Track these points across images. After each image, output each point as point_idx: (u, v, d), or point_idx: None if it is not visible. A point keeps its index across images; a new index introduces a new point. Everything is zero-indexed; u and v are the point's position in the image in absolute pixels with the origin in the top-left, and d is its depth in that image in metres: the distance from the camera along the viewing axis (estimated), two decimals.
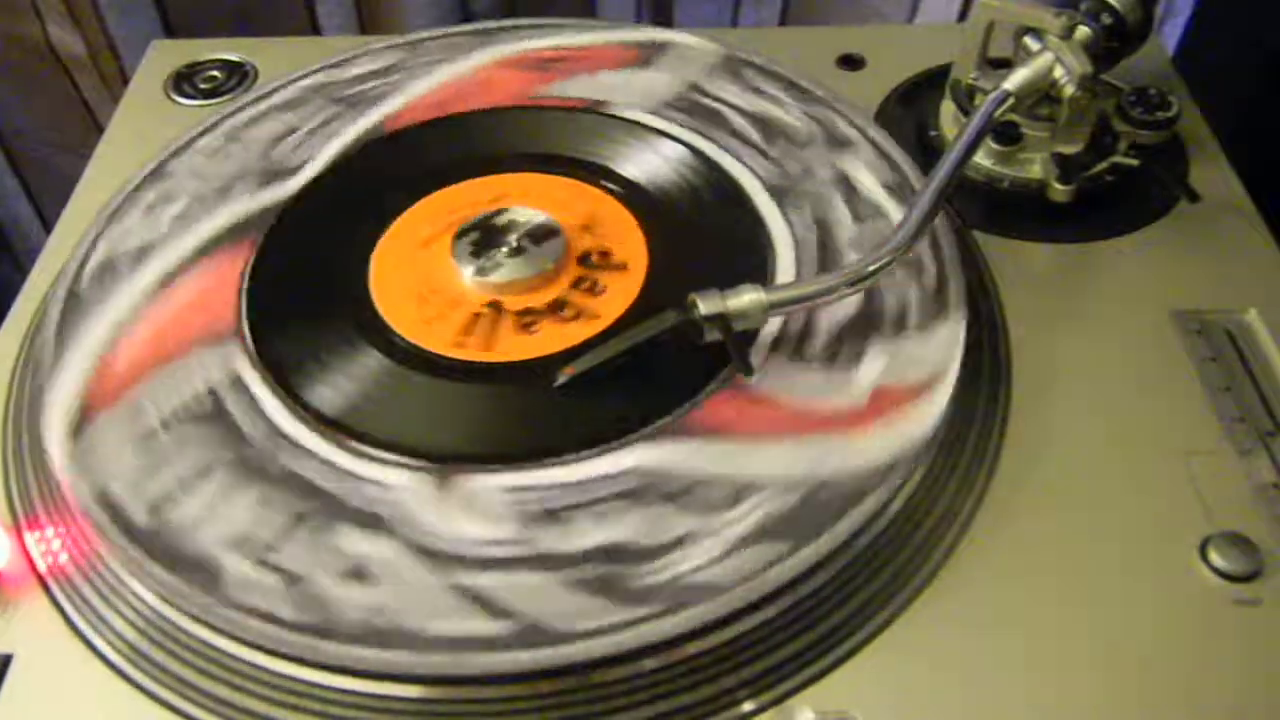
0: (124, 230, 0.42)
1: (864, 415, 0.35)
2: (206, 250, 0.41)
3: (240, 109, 0.47)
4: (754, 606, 0.31)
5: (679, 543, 0.32)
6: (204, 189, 0.44)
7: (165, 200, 0.43)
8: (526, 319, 0.38)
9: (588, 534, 0.32)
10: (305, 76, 0.48)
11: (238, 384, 0.36)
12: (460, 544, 0.32)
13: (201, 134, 0.46)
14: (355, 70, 0.48)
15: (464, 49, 0.49)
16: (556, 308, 0.39)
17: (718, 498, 0.33)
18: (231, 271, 0.40)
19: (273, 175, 0.44)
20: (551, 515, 0.33)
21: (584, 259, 0.40)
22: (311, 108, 0.47)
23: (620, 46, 0.48)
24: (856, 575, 0.32)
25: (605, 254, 0.40)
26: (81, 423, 0.35)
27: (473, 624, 0.30)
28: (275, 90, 0.48)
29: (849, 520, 0.32)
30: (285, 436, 0.35)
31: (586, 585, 0.31)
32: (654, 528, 0.32)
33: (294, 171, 0.44)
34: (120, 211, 0.43)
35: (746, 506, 0.33)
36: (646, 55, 0.47)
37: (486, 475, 0.34)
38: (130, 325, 0.38)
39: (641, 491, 0.33)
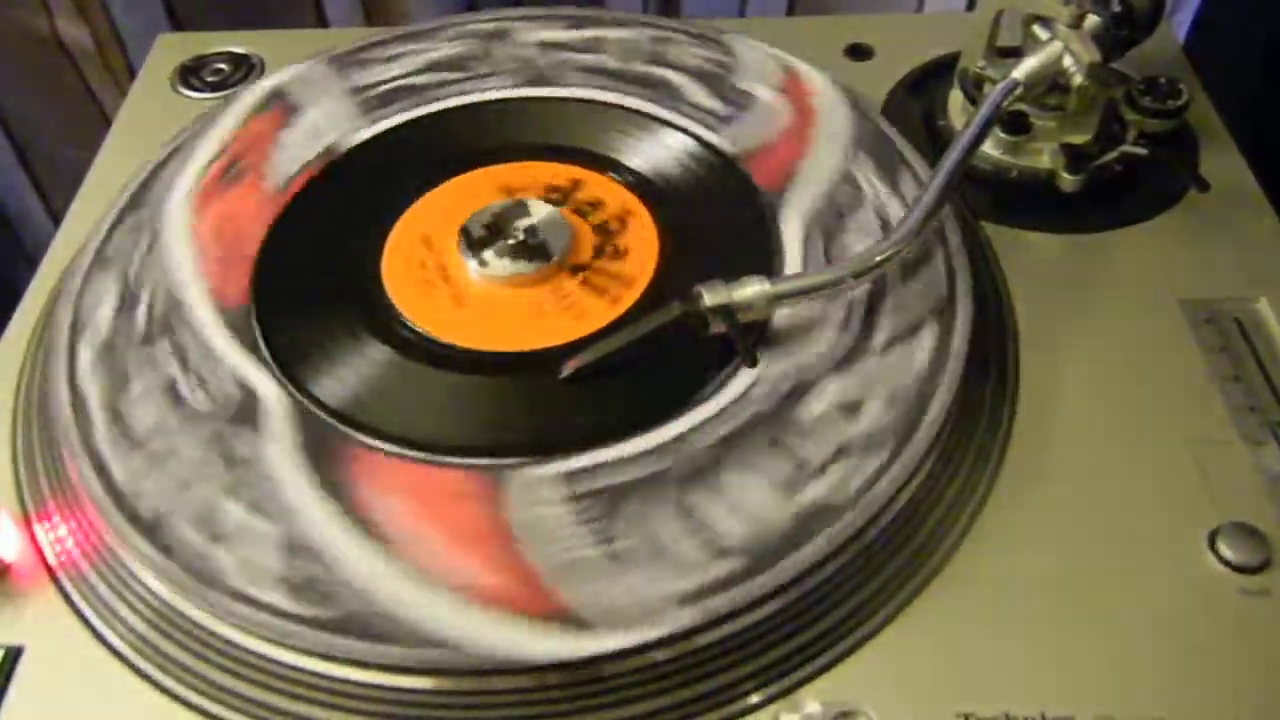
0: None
1: None
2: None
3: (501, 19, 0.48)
4: (762, 599, 0.31)
5: None
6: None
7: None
8: (535, 310, 0.39)
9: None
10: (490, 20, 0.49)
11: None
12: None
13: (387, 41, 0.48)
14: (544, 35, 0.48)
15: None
16: (564, 300, 0.39)
17: None
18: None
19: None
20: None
21: (596, 252, 0.40)
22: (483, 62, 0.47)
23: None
24: (864, 566, 0.32)
25: (616, 249, 0.40)
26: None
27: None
28: (475, 21, 0.49)
29: (856, 512, 0.32)
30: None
31: None
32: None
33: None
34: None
35: None
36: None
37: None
38: None
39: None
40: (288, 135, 0.45)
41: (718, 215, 0.41)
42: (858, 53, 0.51)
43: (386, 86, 0.47)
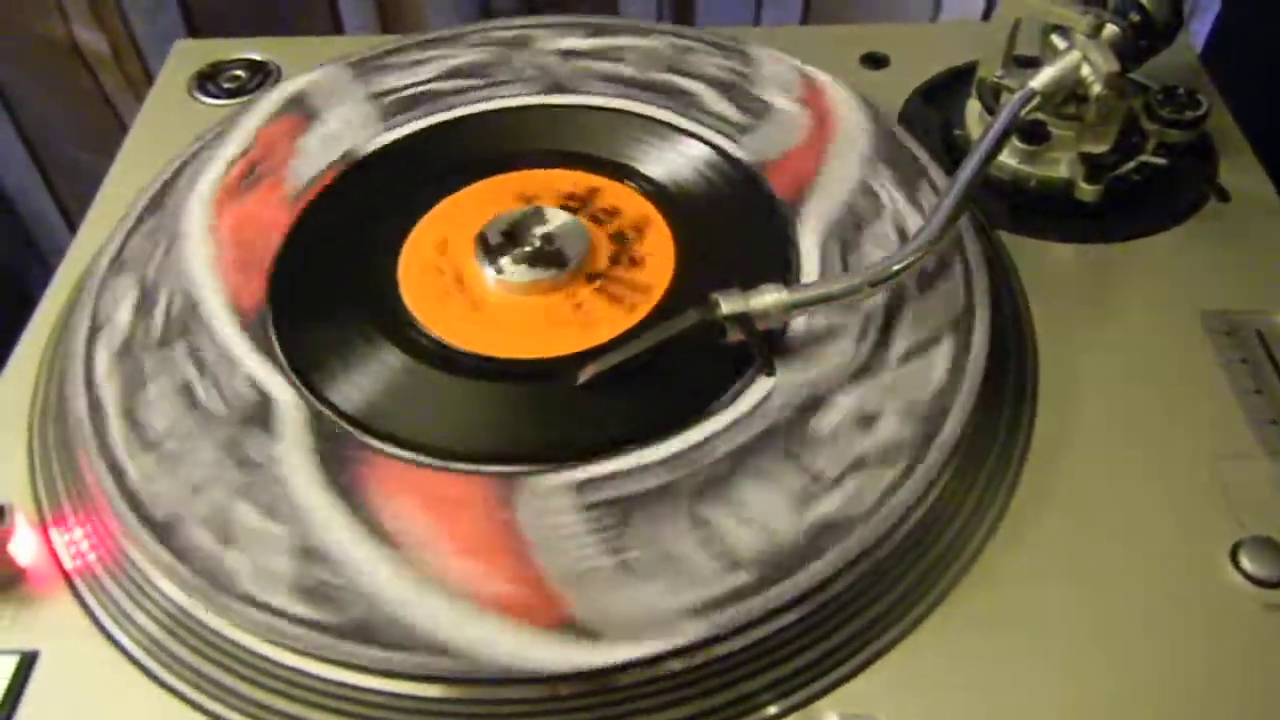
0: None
1: None
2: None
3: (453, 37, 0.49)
4: (775, 612, 0.31)
5: None
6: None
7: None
8: (556, 315, 0.38)
9: None
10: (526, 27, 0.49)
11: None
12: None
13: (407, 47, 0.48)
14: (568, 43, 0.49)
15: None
16: (580, 308, 0.39)
17: None
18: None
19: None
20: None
21: (612, 260, 0.40)
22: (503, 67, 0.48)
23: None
24: (882, 578, 0.32)
25: (633, 258, 0.40)
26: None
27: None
28: (496, 29, 0.49)
29: (874, 523, 0.32)
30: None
31: None
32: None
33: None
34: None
35: None
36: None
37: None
38: None
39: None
40: (307, 140, 0.45)
41: (735, 224, 0.41)
42: (874, 61, 0.51)
43: (406, 93, 0.47)
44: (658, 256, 0.40)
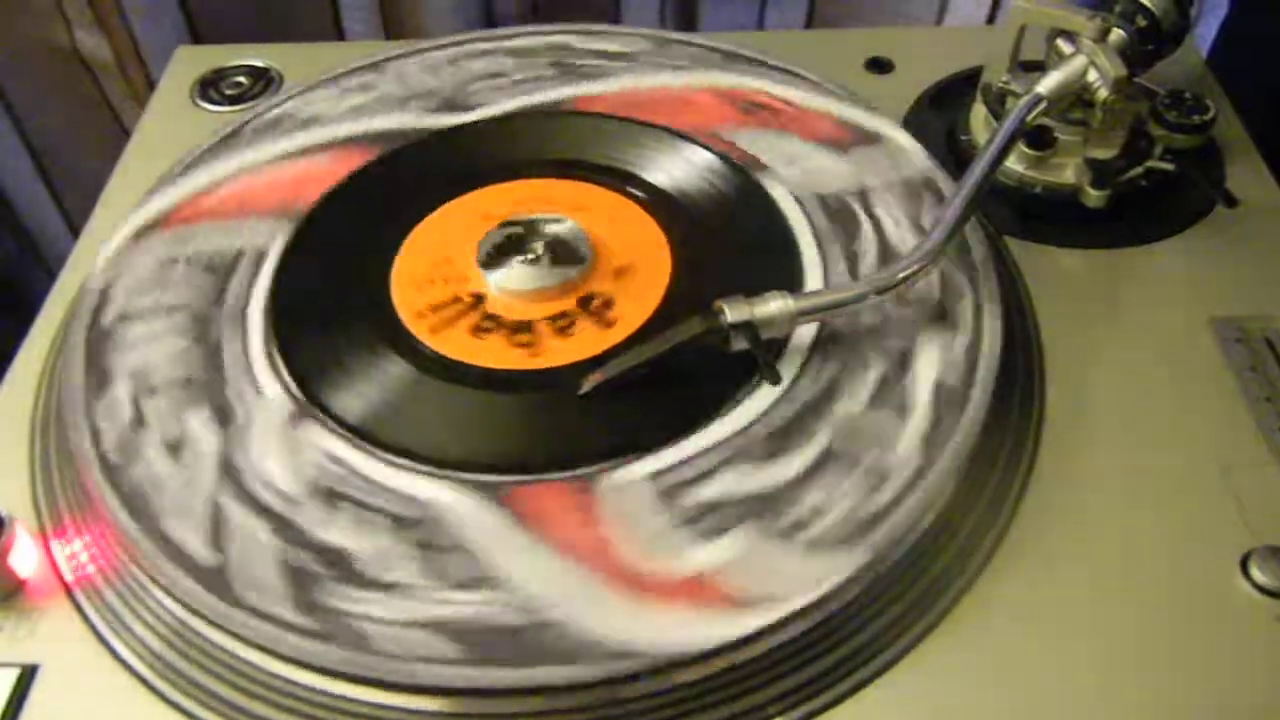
0: (309, 99, 0.46)
1: None
2: (342, 144, 0.45)
3: (475, 39, 0.49)
4: (782, 623, 0.30)
5: None
6: (394, 93, 0.46)
7: (362, 89, 0.47)
8: (560, 323, 0.38)
9: None
10: (554, 33, 0.49)
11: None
12: None
13: (432, 49, 0.48)
14: (599, 44, 0.48)
15: (703, 63, 0.47)
16: (586, 311, 0.38)
17: None
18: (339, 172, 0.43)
19: (450, 105, 0.46)
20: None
21: (615, 273, 0.40)
22: (532, 61, 0.48)
23: (834, 122, 0.44)
24: (886, 591, 0.32)
25: (632, 268, 0.40)
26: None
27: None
28: (519, 35, 0.49)
29: (879, 534, 0.32)
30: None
31: None
32: None
33: (469, 109, 0.46)
34: (318, 85, 0.47)
35: None
36: (851, 141, 0.44)
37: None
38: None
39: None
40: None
41: (738, 230, 0.41)
42: (878, 66, 0.51)
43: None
44: (656, 268, 0.40)
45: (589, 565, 0.31)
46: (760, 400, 0.35)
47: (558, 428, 0.36)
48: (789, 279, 0.39)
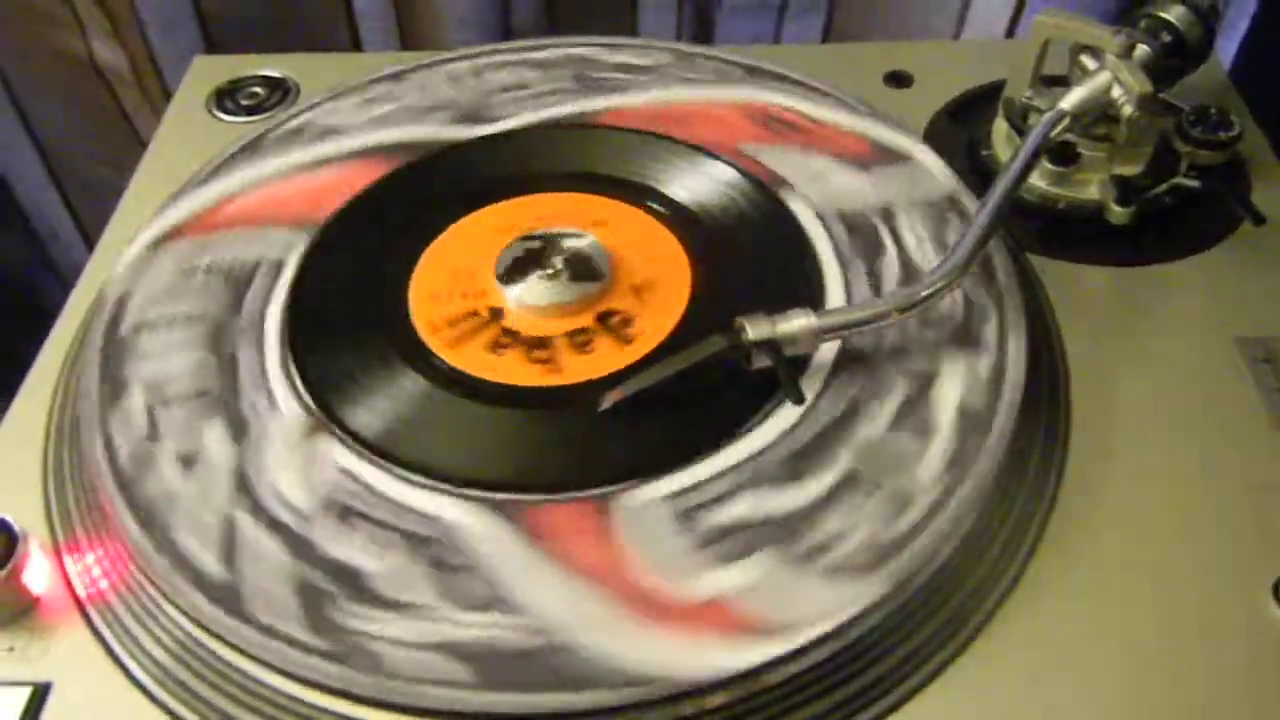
0: (331, 109, 0.47)
1: None
2: (362, 155, 0.44)
3: (498, 51, 0.49)
4: (801, 651, 0.30)
5: None
6: (415, 104, 0.46)
7: (383, 100, 0.47)
8: (579, 339, 0.38)
9: None
10: (577, 45, 0.49)
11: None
12: None
13: (454, 60, 0.48)
14: (622, 58, 0.48)
15: (727, 77, 0.47)
16: (605, 328, 0.38)
17: None
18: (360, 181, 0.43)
19: (471, 117, 0.46)
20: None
21: (634, 289, 0.39)
22: (555, 74, 0.47)
23: (857, 137, 0.44)
24: (907, 620, 0.31)
25: (652, 284, 0.39)
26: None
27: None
28: (541, 47, 0.49)
29: (901, 562, 0.31)
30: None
31: None
32: None
33: (490, 121, 0.45)
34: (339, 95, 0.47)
35: None
36: (874, 158, 0.43)
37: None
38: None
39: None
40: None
41: (760, 247, 0.41)
42: (897, 80, 0.51)
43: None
44: (677, 283, 0.39)
45: (604, 588, 0.31)
46: (780, 421, 0.35)
47: (574, 446, 0.35)
48: (810, 297, 0.38)
